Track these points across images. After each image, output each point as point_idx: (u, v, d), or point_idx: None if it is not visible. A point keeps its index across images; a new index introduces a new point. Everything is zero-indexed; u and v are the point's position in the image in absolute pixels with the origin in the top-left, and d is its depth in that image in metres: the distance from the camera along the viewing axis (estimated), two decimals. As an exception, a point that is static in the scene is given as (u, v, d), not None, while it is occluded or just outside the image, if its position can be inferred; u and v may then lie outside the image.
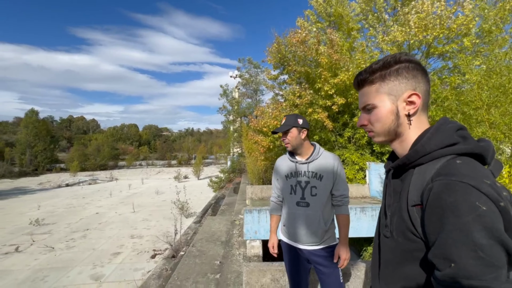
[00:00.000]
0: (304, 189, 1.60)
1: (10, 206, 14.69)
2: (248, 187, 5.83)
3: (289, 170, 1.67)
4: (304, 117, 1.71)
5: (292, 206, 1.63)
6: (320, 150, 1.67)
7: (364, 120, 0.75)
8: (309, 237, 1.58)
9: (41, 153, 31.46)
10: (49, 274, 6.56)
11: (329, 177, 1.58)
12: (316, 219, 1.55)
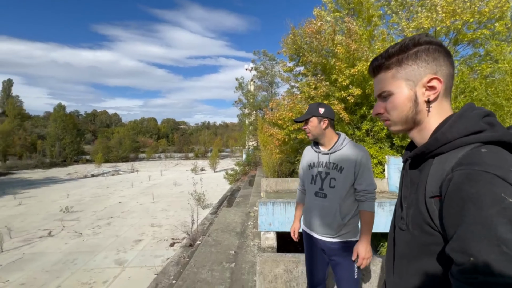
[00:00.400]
0: (323, 180, 1.57)
1: (43, 194, 15.87)
2: (263, 180, 5.87)
3: (311, 159, 1.67)
4: (329, 106, 1.64)
5: (311, 195, 1.63)
6: (344, 141, 1.60)
7: (380, 108, 0.72)
8: (323, 228, 1.57)
9: (69, 145, 33.49)
10: (78, 258, 7.07)
11: (350, 170, 1.52)
12: (332, 211, 1.52)
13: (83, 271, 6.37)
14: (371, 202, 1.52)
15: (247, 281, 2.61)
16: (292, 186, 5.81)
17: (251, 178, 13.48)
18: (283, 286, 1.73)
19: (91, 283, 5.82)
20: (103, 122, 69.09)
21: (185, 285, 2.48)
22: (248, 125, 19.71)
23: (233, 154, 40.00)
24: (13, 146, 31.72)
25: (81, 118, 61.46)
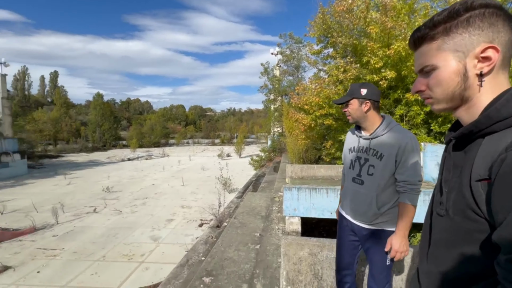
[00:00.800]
0: (361, 166, 1.51)
1: (88, 175, 17.64)
2: (288, 166, 5.85)
3: (352, 144, 1.61)
4: (373, 86, 1.52)
5: (349, 180, 1.60)
6: (389, 125, 1.47)
7: (421, 85, 0.64)
8: (358, 215, 1.54)
9: (107, 131, 36.35)
10: (119, 232, 7.86)
11: (390, 157, 1.40)
12: (368, 199, 1.47)
13: (123, 244, 7.09)
14: (412, 195, 1.39)
15: (272, 262, 2.69)
16: (317, 173, 5.71)
17: (276, 164, 13.52)
18: (307, 268, 1.76)
19: (130, 255, 6.48)
20: (136, 110, 73.35)
21: (213, 262, 2.64)
22: (273, 111, 19.51)
23: (258, 141, 40.29)
24: (61, 132, 35.33)
25: (117, 106, 65.85)
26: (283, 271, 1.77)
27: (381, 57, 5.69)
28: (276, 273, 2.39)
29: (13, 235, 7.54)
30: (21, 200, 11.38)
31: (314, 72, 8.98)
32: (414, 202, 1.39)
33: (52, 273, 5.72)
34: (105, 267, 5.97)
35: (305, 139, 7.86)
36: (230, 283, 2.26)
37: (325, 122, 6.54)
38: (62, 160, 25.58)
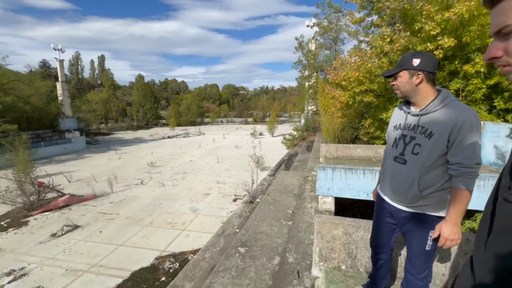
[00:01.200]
0: (406, 144, 1.39)
1: (134, 151, 19.48)
2: (322, 145, 5.69)
3: (398, 120, 1.48)
4: (429, 55, 1.33)
5: (390, 159, 1.49)
6: (444, 100, 1.29)
7: (497, 51, 0.54)
8: (396, 195, 1.45)
9: (149, 110, 39.09)
10: (163, 203, 8.70)
11: (442, 136, 1.25)
12: (409, 180, 1.36)
13: (167, 213, 7.86)
14: (467, 179, 1.23)
15: (304, 239, 2.74)
16: (354, 153, 5.46)
17: (309, 143, 13.25)
18: (341, 247, 1.76)
19: (173, 223, 7.18)
20: (174, 90, 76.78)
21: (247, 234, 2.79)
22: (308, 88, 18.71)
23: (291, 119, 39.59)
24: (110, 111, 39.03)
25: (156, 87, 69.62)
26: (315, 248, 1.80)
27: (439, 22, 4.91)
28: (308, 249, 2.45)
29: (79, 200, 8.87)
30: (82, 171, 13.17)
31: (355, 45, 8.22)
32: (470, 187, 1.24)
33: (111, 233, 6.66)
34: (152, 231, 6.74)
35: (341, 117, 7.46)
36: (264, 254, 2.39)
37: (364, 99, 6.07)
38: (112, 137, 28.53)
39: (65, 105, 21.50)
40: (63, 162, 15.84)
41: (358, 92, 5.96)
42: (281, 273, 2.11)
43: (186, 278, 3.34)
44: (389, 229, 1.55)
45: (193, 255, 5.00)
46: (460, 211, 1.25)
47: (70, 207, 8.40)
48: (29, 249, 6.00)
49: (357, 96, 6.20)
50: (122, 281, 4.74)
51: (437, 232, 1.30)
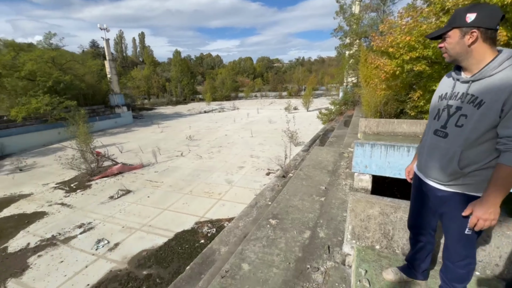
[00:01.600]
0: (450, 116, 1.21)
1: (174, 125, 20.74)
2: (361, 120, 5.30)
3: (444, 89, 1.29)
4: (490, 8, 1.08)
5: (429, 132, 1.33)
6: (506, 62, 1.06)
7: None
8: (432, 172, 1.29)
9: (186, 86, 40.52)
10: (200, 174, 9.30)
11: (494, 106, 1.05)
12: (448, 154, 1.19)
13: (204, 183, 8.42)
14: None
15: (336, 215, 2.70)
16: (398, 129, 4.99)
17: (347, 118, 12.51)
18: (376, 227, 1.68)
19: (210, 193, 7.70)
20: (209, 64, 77.54)
21: (278, 207, 2.84)
22: (348, 58, 17.19)
23: (328, 93, 37.47)
24: (152, 87, 41.46)
25: (192, 62, 71.02)
26: (348, 225, 1.75)
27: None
28: (340, 226, 2.41)
29: (130, 169, 9.96)
30: (131, 143, 14.60)
31: (408, 3, 7.07)
32: None
33: (157, 198, 7.44)
34: (192, 199, 7.34)
35: (385, 89, 6.76)
36: (294, 227, 2.43)
37: (415, 68, 5.33)
38: (155, 112, 30.62)
39: (113, 82, 23.39)
40: (115, 134, 17.69)
41: (407, 60, 5.23)
42: (311, 247, 2.14)
43: (221, 243, 3.63)
44: (428, 209, 1.41)
45: (228, 223, 5.37)
46: (501, 191, 1.07)
47: (122, 175, 9.50)
48: (93, 208, 7.06)
49: (406, 65, 5.47)
50: (168, 240, 5.37)
51: (469, 210, 1.15)
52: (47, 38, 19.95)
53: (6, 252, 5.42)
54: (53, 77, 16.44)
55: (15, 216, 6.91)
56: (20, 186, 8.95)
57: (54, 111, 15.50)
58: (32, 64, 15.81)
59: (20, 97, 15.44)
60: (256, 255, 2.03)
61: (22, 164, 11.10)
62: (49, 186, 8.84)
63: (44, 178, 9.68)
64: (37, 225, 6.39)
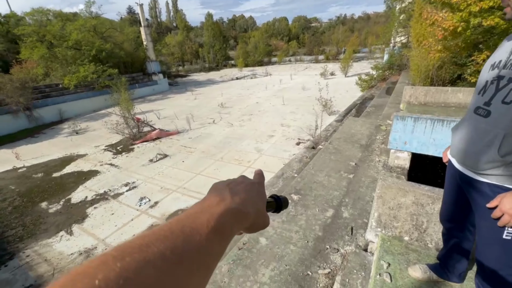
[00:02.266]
0: (498, 89, 0.94)
1: (206, 92, 21.00)
2: (406, 88, 4.64)
3: (499, 56, 1.01)
4: None
5: (470, 111, 1.08)
6: None
7: None
8: (466, 158, 1.06)
9: (219, 51, 39.83)
10: (231, 141, 9.50)
11: None
12: (488, 138, 0.96)
13: (235, 151, 8.62)
14: None
15: (364, 195, 2.52)
16: (451, 99, 4.27)
17: (390, 85, 11.23)
18: (407, 217, 1.49)
19: (240, 160, 7.90)
20: (241, 27, 74.11)
21: (302, 182, 2.75)
22: (399, 13, 14.78)
23: (371, 55, 33.66)
24: (185, 54, 41.67)
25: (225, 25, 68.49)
26: (374, 212, 1.59)
27: None
28: (368, 207, 2.25)
29: (167, 135, 10.59)
30: (167, 110, 15.31)
31: None
32: None
33: (191, 163, 7.90)
34: (222, 165, 7.63)
35: (441, 50, 5.72)
36: (317, 205, 2.34)
37: (485, 22, 4.32)
38: (189, 79, 31.17)
39: (149, 49, 23.95)
40: (153, 101, 18.67)
41: (477, 11, 4.23)
42: (333, 226, 2.06)
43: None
44: (463, 201, 1.18)
45: (255, 191, 5.51)
46: None
47: (160, 140, 10.18)
48: (136, 169, 7.81)
49: (473, 19, 4.46)
50: (201, 202, 5.79)
51: (496, 201, 0.93)
52: (88, 6, 20.67)
53: (70, 203, 6.42)
54: (96, 45, 17.37)
55: (75, 173, 8.02)
56: (77, 147, 10.23)
57: (99, 79, 16.71)
58: (77, 34, 16.79)
59: (70, 66, 16.83)
60: (274, 230, 2.03)
61: (78, 128, 12.53)
62: (100, 148, 9.93)
63: (96, 140, 10.86)
64: (92, 181, 7.35)
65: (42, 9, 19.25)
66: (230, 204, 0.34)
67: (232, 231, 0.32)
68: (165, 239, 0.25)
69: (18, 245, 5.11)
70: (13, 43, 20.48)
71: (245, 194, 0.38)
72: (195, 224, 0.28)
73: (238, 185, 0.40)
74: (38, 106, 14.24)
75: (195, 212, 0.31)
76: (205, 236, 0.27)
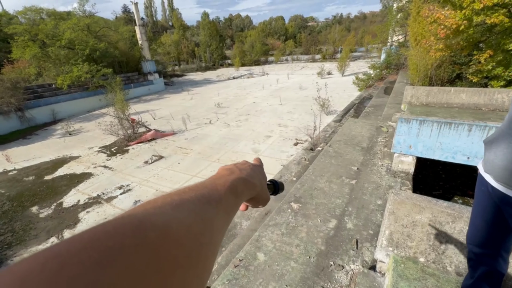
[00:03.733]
0: None
1: (203, 92, 20.75)
2: (408, 88, 4.50)
3: None
4: None
5: (507, 121, 0.95)
6: None
7: None
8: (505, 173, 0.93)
9: (215, 51, 39.54)
10: (228, 142, 9.31)
11: None
12: None
13: (232, 152, 8.45)
14: None
15: (368, 203, 2.37)
16: (454, 99, 4.15)
17: (388, 84, 11.13)
18: (423, 236, 1.34)
19: (237, 161, 7.75)
20: (238, 26, 73.73)
21: (302, 189, 2.60)
22: (396, 11, 14.71)
23: (367, 55, 33.65)
24: (181, 53, 41.29)
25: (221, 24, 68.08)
26: (385, 230, 1.44)
27: None
28: (373, 216, 2.10)
29: (162, 135, 10.37)
30: (163, 110, 15.07)
31: None
32: None
33: (187, 165, 7.71)
34: (219, 167, 7.47)
35: (442, 49, 5.60)
36: (318, 214, 2.19)
37: (488, 20, 4.20)
38: (185, 79, 30.85)
39: (144, 49, 23.61)
40: (148, 101, 18.39)
41: (480, 9, 4.11)
42: (336, 239, 1.90)
43: (243, 217, 3.60)
44: (499, 223, 1.03)
45: (253, 194, 5.34)
46: None
47: (155, 141, 9.96)
48: (131, 171, 7.60)
49: (476, 16, 4.34)
50: (195, 207, 5.62)
51: None
52: (81, 5, 20.29)
53: (62, 207, 6.20)
54: (89, 45, 17.03)
55: (67, 176, 7.78)
56: (70, 149, 9.96)
57: (94, 78, 16.39)
58: (70, 33, 16.43)
59: (63, 66, 16.48)
60: (273, 244, 1.88)
61: (71, 129, 12.25)
62: (94, 150, 9.68)
63: (89, 142, 10.60)
64: (85, 184, 7.13)
65: (35, 8, 18.83)
66: (239, 175, 0.42)
67: (243, 194, 0.41)
68: (196, 190, 0.31)
69: (6, 252, 4.89)
70: (4, 42, 20.01)
71: (250, 171, 0.46)
72: (214, 184, 0.36)
73: (243, 165, 0.48)
74: (30, 106, 13.89)
75: (212, 179, 0.38)
76: (223, 192, 0.35)
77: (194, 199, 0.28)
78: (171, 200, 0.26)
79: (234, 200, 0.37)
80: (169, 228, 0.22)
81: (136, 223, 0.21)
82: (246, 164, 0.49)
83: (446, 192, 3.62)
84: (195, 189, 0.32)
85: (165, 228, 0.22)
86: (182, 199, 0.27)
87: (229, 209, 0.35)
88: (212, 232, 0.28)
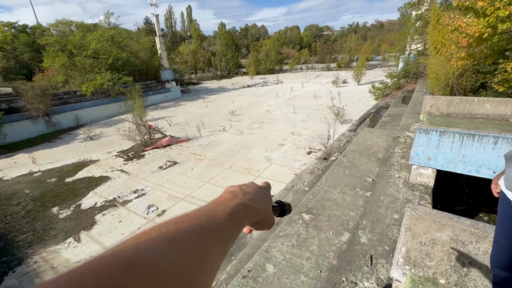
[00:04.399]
0: None
1: (218, 99, 21.15)
2: (427, 98, 4.34)
3: None
4: None
5: None
6: None
7: None
8: None
9: (231, 59, 40.41)
10: (241, 150, 9.36)
11: None
12: None
13: (244, 159, 8.46)
14: None
15: (384, 216, 2.27)
16: (478, 109, 3.94)
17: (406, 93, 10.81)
18: (442, 255, 1.25)
19: (249, 169, 7.72)
20: (254, 36, 75.18)
21: (314, 200, 2.53)
22: (415, 20, 14.41)
23: (384, 63, 33.03)
24: (198, 62, 42.55)
25: (237, 34, 69.76)
26: (401, 247, 1.36)
27: None
28: (389, 231, 2.00)
29: (177, 142, 10.61)
30: (178, 117, 15.47)
31: None
32: None
33: (200, 171, 7.80)
34: (231, 174, 7.48)
35: (464, 58, 5.38)
36: (331, 227, 2.11)
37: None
38: (201, 86, 31.66)
39: (163, 58, 24.57)
40: (165, 108, 18.97)
41: (505, 16, 3.93)
42: (349, 254, 1.82)
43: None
44: None
45: (264, 203, 5.29)
46: None
47: (170, 147, 10.20)
48: (146, 176, 7.79)
49: (501, 24, 4.15)
50: (207, 213, 5.64)
51: None
52: (106, 17, 21.60)
53: (80, 209, 6.43)
54: (113, 54, 17.98)
55: (87, 179, 8.10)
56: (90, 153, 10.41)
57: (115, 86, 17.21)
58: (95, 43, 17.47)
59: (88, 74, 17.47)
60: (283, 255, 1.82)
61: (92, 134, 12.83)
62: (112, 154, 10.05)
63: (108, 146, 11.04)
64: (102, 187, 7.38)
65: (65, 21, 20.30)
66: (242, 200, 0.42)
67: (243, 221, 0.40)
68: (193, 219, 0.32)
69: (27, 250, 5.11)
70: (37, 52, 21.60)
71: (255, 194, 0.46)
72: (214, 211, 0.36)
73: (248, 187, 0.48)
74: (56, 112, 14.76)
75: (214, 204, 0.39)
76: (222, 220, 0.35)
77: (190, 230, 0.29)
78: (166, 232, 0.26)
79: (233, 228, 0.37)
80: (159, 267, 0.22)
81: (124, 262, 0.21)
82: (251, 186, 0.49)
83: (470, 207, 3.40)
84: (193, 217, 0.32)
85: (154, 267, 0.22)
86: (177, 230, 0.27)
87: (227, 237, 0.35)
88: (205, 265, 0.28)
